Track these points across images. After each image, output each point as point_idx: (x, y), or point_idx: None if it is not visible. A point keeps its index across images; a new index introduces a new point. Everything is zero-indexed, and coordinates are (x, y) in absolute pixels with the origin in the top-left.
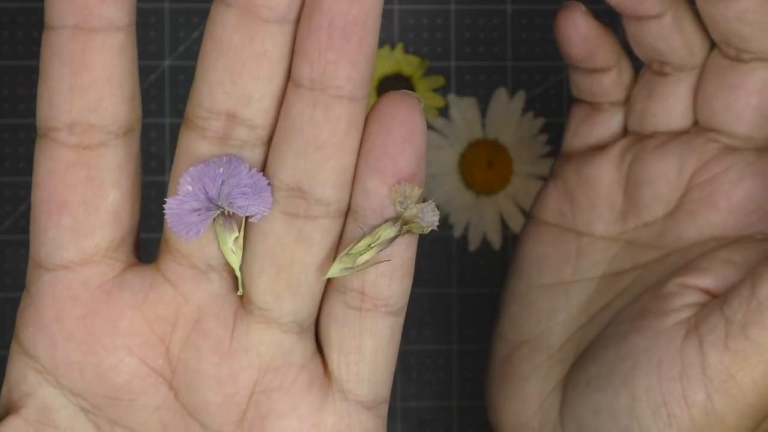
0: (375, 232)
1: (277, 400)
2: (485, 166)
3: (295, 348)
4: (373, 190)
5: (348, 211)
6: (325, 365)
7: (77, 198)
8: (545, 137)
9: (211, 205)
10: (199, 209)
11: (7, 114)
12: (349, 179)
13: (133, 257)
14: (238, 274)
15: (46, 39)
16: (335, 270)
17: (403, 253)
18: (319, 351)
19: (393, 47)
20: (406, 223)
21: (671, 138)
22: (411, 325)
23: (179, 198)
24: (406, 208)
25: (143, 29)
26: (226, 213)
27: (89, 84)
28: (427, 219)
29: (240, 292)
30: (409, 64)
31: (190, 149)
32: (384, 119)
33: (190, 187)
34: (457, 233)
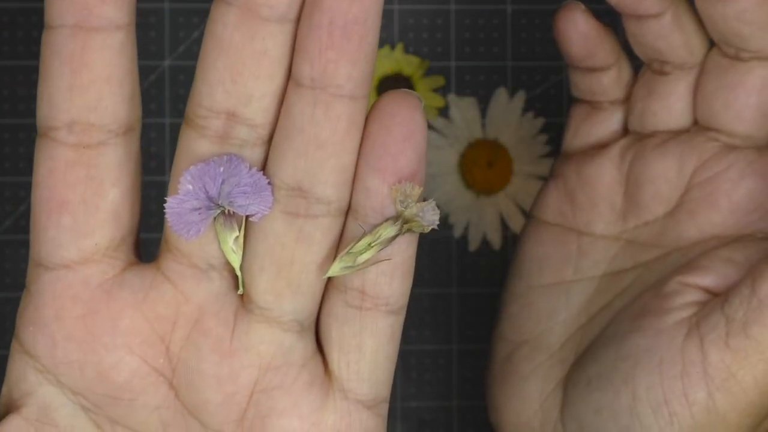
0: (375, 231)
1: (278, 399)
2: (485, 166)
3: (296, 347)
4: (374, 189)
5: (348, 210)
6: (326, 364)
7: (77, 197)
8: (545, 137)
9: (212, 204)
10: (200, 208)
11: (7, 114)
12: (350, 178)
13: (134, 256)
14: (238, 273)
15: (45, 38)
16: (336, 269)
17: (404, 252)
18: (320, 350)
19: (393, 47)
20: (406, 222)
21: (671, 137)
22: (411, 325)
23: (179, 197)
24: (406, 207)
25: (143, 29)
26: (226, 212)
27: (89, 83)
28: (428, 218)
29: (240, 291)
30: (409, 64)
31: (190, 148)
32: (384, 118)
33: (190, 186)
34: (457, 233)
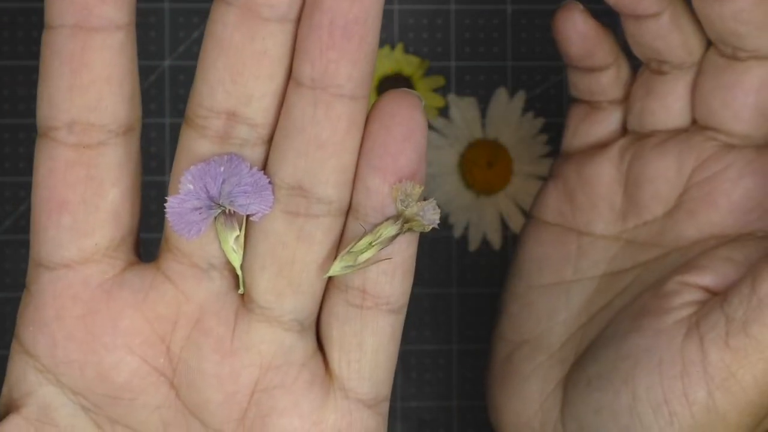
0: (376, 230)
1: (279, 398)
2: (485, 166)
3: (296, 346)
4: (374, 188)
5: (349, 210)
6: (326, 363)
7: (77, 197)
8: (545, 137)
9: (212, 204)
10: (200, 208)
11: (7, 114)
12: (350, 178)
13: (134, 256)
14: (239, 272)
15: (45, 38)
16: (336, 268)
17: (404, 252)
18: (320, 349)
19: (393, 47)
20: (407, 222)
21: (670, 136)
22: (411, 325)
23: (180, 197)
24: (407, 206)
25: (143, 29)
26: (227, 212)
27: (89, 83)
28: (428, 217)
29: (241, 290)
30: (409, 64)
31: (190, 148)
32: (385, 118)
33: (191, 186)
34: (457, 233)
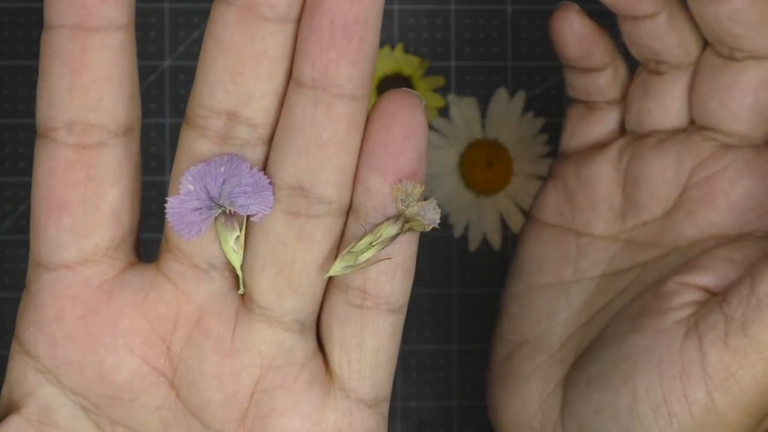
0: (376, 230)
1: (279, 398)
2: (485, 166)
3: (297, 346)
4: (375, 188)
5: (349, 210)
6: (327, 363)
7: (77, 197)
8: (545, 137)
9: (213, 204)
10: (201, 208)
11: (7, 114)
12: (351, 178)
13: (134, 256)
14: (239, 272)
15: (45, 38)
16: (337, 268)
17: (405, 251)
18: (321, 349)
19: (393, 47)
20: (407, 221)
21: (668, 136)
22: (411, 325)
23: (180, 197)
24: (407, 206)
25: (143, 29)
26: (227, 212)
27: (89, 83)
28: (429, 217)
29: (241, 290)
30: (409, 64)
31: (191, 148)
32: (385, 118)
33: (191, 186)
34: (457, 233)
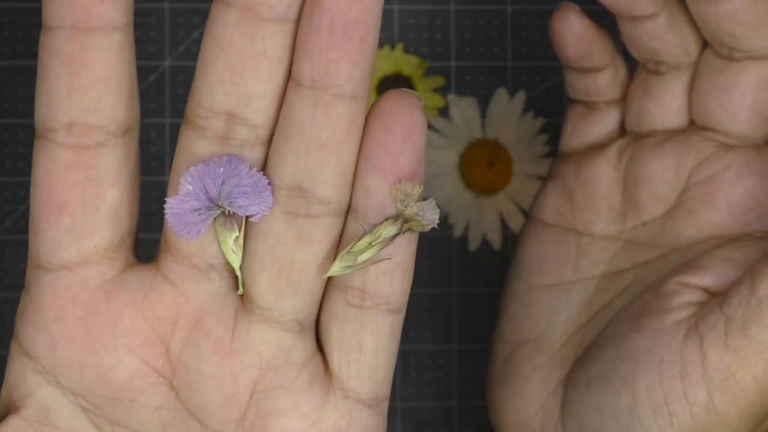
0: (376, 230)
1: (278, 398)
2: (485, 166)
3: (296, 346)
4: (374, 188)
5: (348, 210)
6: (326, 363)
7: (76, 198)
8: (545, 137)
9: (212, 205)
10: (200, 209)
11: (7, 114)
12: (350, 178)
13: (133, 257)
14: (238, 273)
15: (43, 39)
16: (336, 268)
17: (404, 251)
18: (320, 349)
19: (393, 47)
20: (406, 221)
21: (668, 137)
22: (411, 325)
23: (180, 198)
24: (406, 206)
25: (143, 29)
26: (226, 212)
27: (87, 84)
28: (428, 217)
29: (240, 291)
30: (409, 64)
31: (190, 149)
32: (384, 118)
33: (190, 187)
34: (457, 233)
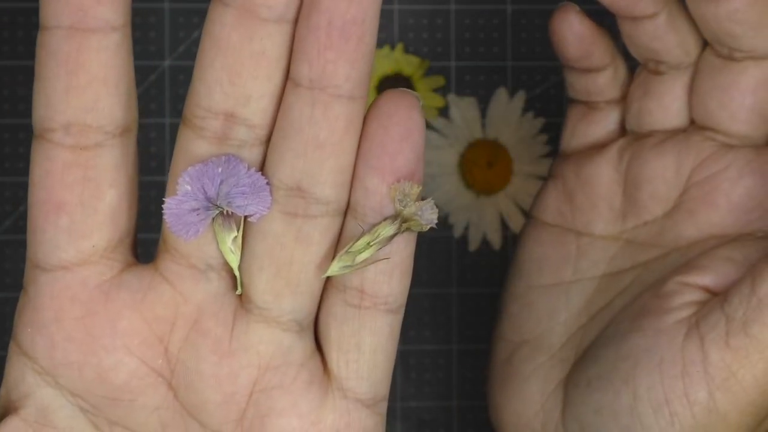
0: (374, 230)
1: (277, 398)
2: (485, 166)
3: (295, 346)
4: (373, 188)
5: (347, 210)
6: (325, 363)
7: (74, 198)
8: (545, 137)
9: (210, 205)
10: (198, 209)
11: (7, 114)
12: (348, 178)
13: (132, 257)
14: (236, 273)
15: (41, 39)
16: (334, 268)
17: (402, 251)
18: (319, 349)
19: (393, 47)
20: (405, 221)
21: (668, 136)
22: (411, 325)
23: (178, 198)
24: (405, 206)
25: (143, 29)
26: (224, 212)
27: (85, 84)
28: (426, 217)
29: (239, 291)
30: (409, 64)
31: (188, 149)
32: (382, 118)
33: (188, 187)
34: (457, 233)
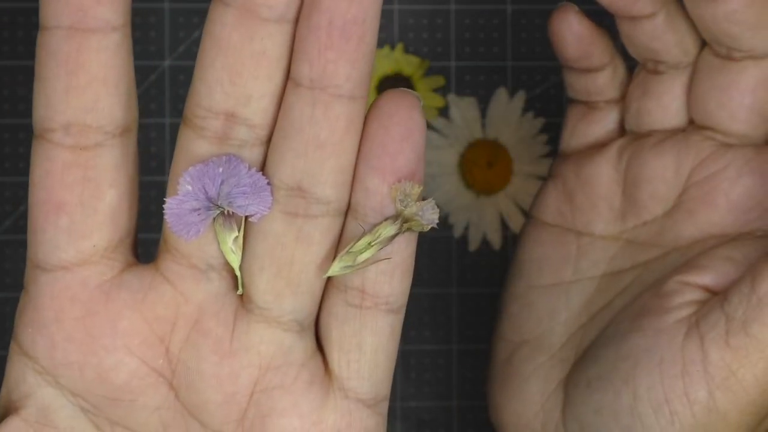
0: (375, 230)
1: (278, 398)
2: (485, 166)
3: (296, 346)
4: (373, 188)
5: (348, 210)
6: (326, 363)
7: (75, 199)
8: (545, 137)
9: (211, 205)
10: (199, 209)
11: (7, 114)
12: (349, 178)
13: (132, 257)
14: (237, 273)
15: (40, 39)
16: (335, 268)
17: (403, 251)
18: (320, 349)
19: (393, 47)
20: (406, 221)
21: (668, 136)
22: (411, 325)
23: (179, 198)
24: (406, 206)
25: (143, 29)
26: (225, 212)
27: (85, 85)
28: (427, 217)
29: (240, 291)
30: (409, 64)
31: (189, 149)
32: (383, 118)
33: (189, 187)
34: (457, 233)
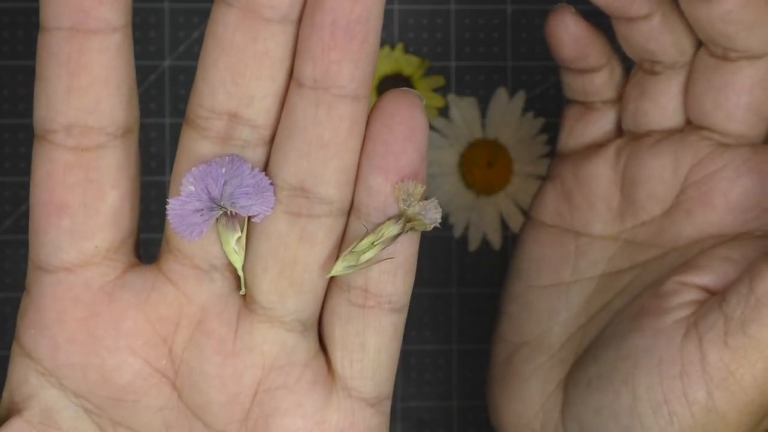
0: (378, 230)
1: (282, 398)
2: (485, 166)
3: (299, 346)
4: (377, 188)
5: (351, 210)
6: (329, 363)
7: (76, 200)
8: (545, 137)
9: (214, 205)
10: (202, 209)
11: (7, 114)
12: (352, 178)
13: (134, 258)
14: (240, 273)
15: (41, 40)
16: (338, 268)
17: (406, 251)
18: (323, 349)
19: (393, 47)
20: (409, 221)
21: (665, 136)
22: (411, 325)
23: (182, 198)
24: (409, 205)
25: (143, 29)
26: (228, 213)
27: (86, 85)
28: (430, 216)
29: (243, 291)
30: (409, 64)
31: (191, 149)
32: (386, 117)
33: (192, 188)
34: (457, 233)
